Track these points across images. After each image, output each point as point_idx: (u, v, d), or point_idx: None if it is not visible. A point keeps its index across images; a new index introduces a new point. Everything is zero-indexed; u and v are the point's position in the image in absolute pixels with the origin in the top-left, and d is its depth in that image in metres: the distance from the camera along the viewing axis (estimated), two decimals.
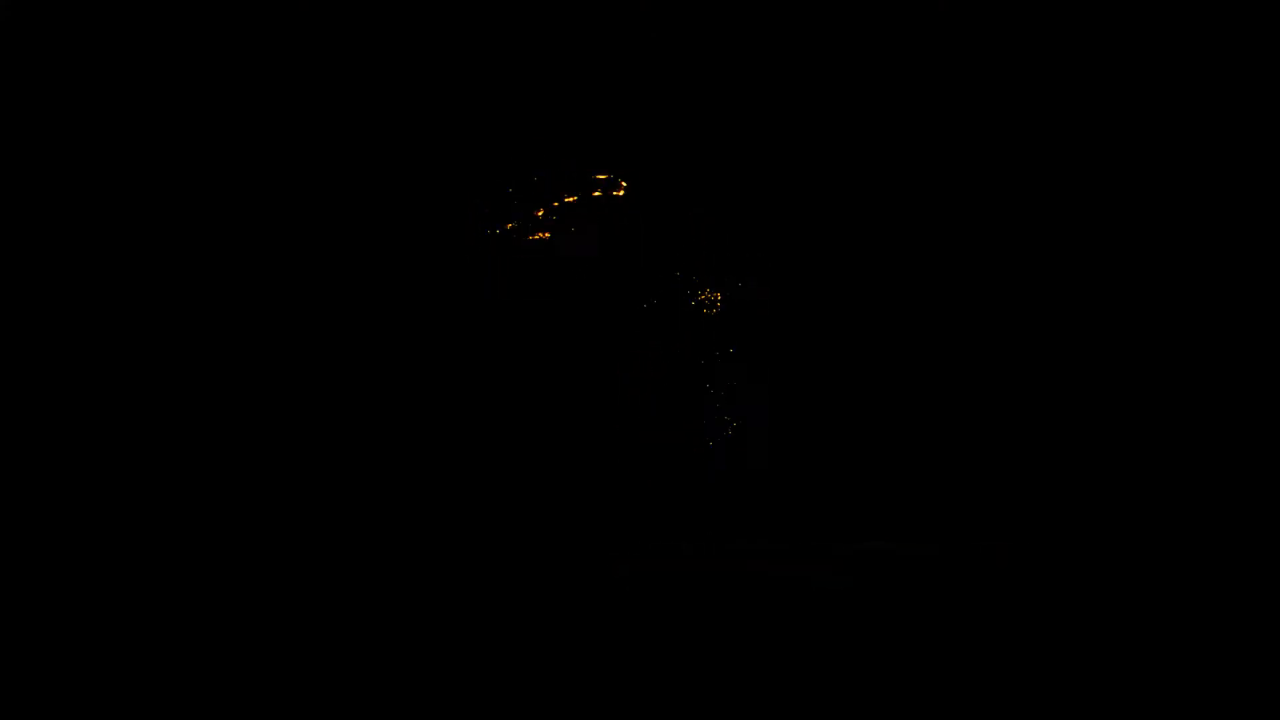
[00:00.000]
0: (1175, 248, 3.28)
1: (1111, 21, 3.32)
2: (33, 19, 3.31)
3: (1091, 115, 3.34)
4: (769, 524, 3.20)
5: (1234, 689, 2.85)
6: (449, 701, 2.93)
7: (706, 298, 3.37)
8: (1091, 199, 3.32)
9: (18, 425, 3.20)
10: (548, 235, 3.38)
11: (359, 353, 3.30)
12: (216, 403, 3.25)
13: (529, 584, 3.15)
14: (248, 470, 3.21)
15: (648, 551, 3.17)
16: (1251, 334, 3.21)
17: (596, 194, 3.39)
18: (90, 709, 2.92)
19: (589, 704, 2.92)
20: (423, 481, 3.22)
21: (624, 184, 3.39)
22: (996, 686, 2.92)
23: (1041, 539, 3.13)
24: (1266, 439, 3.15)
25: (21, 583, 3.08)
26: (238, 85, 3.38)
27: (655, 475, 3.22)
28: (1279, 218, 3.26)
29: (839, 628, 3.05)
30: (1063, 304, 3.29)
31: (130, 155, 3.35)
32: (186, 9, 3.38)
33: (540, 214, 3.39)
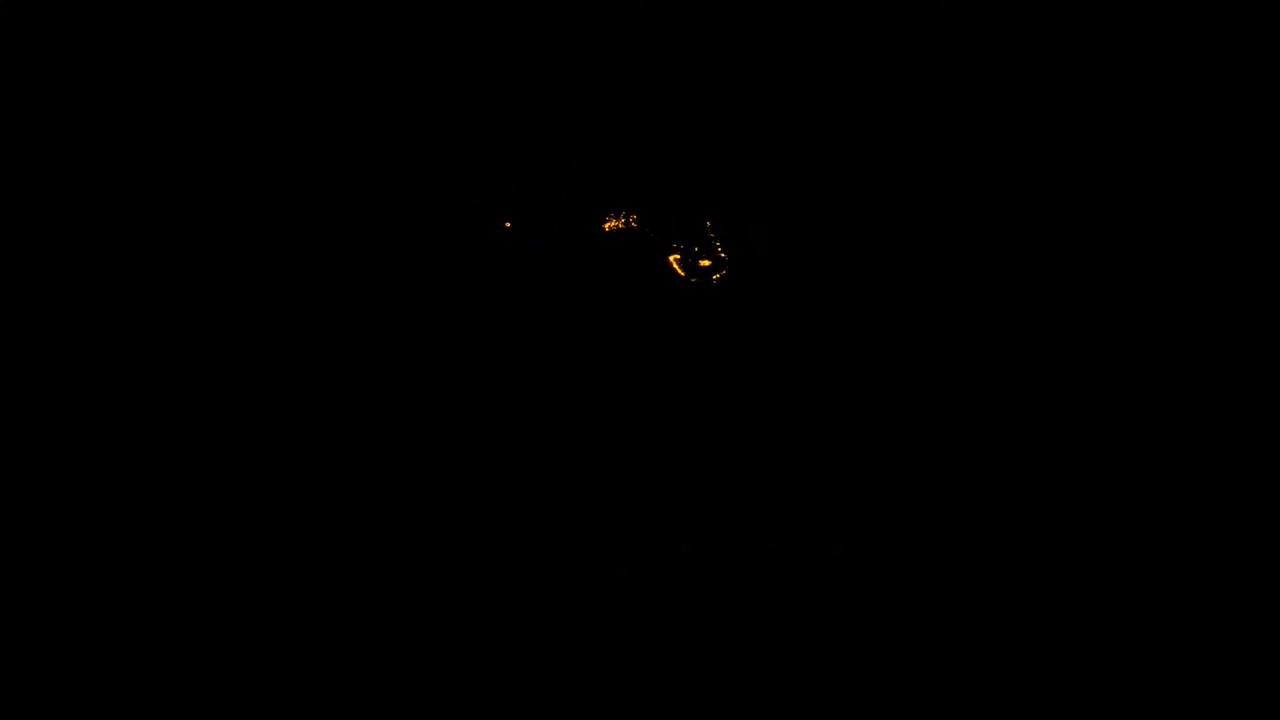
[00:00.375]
0: (1175, 246, 3.28)
1: (1112, 21, 3.32)
2: (32, 18, 3.32)
3: (1091, 114, 3.34)
4: (768, 523, 3.20)
5: (1235, 689, 2.85)
6: (448, 701, 2.93)
7: (705, 297, 3.37)
8: (1092, 190, 3.32)
9: (16, 425, 3.20)
10: (548, 235, 3.38)
11: (358, 352, 3.31)
12: (215, 401, 3.25)
13: (528, 583, 3.15)
14: (245, 469, 3.21)
15: (648, 551, 3.17)
16: (1252, 333, 3.21)
17: (597, 193, 3.40)
18: (89, 709, 2.92)
19: (589, 704, 2.92)
20: (422, 481, 3.22)
21: (624, 183, 3.39)
22: (997, 687, 2.91)
23: (1041, 539, 3.13)
24: (1267, 439, 3.15)
25: (19, 582, 3.08)
26: (236, 84, 3.38)
27: (655, 475, 3.23)
28: (1278, 217, 3.26)
29: (839, 628, 3.05)
30: (1063, 297, 3.29)
31: (128, 154, 3.35)
32: (186, 9, 3.38)
33: (541, 214, 3.39)
